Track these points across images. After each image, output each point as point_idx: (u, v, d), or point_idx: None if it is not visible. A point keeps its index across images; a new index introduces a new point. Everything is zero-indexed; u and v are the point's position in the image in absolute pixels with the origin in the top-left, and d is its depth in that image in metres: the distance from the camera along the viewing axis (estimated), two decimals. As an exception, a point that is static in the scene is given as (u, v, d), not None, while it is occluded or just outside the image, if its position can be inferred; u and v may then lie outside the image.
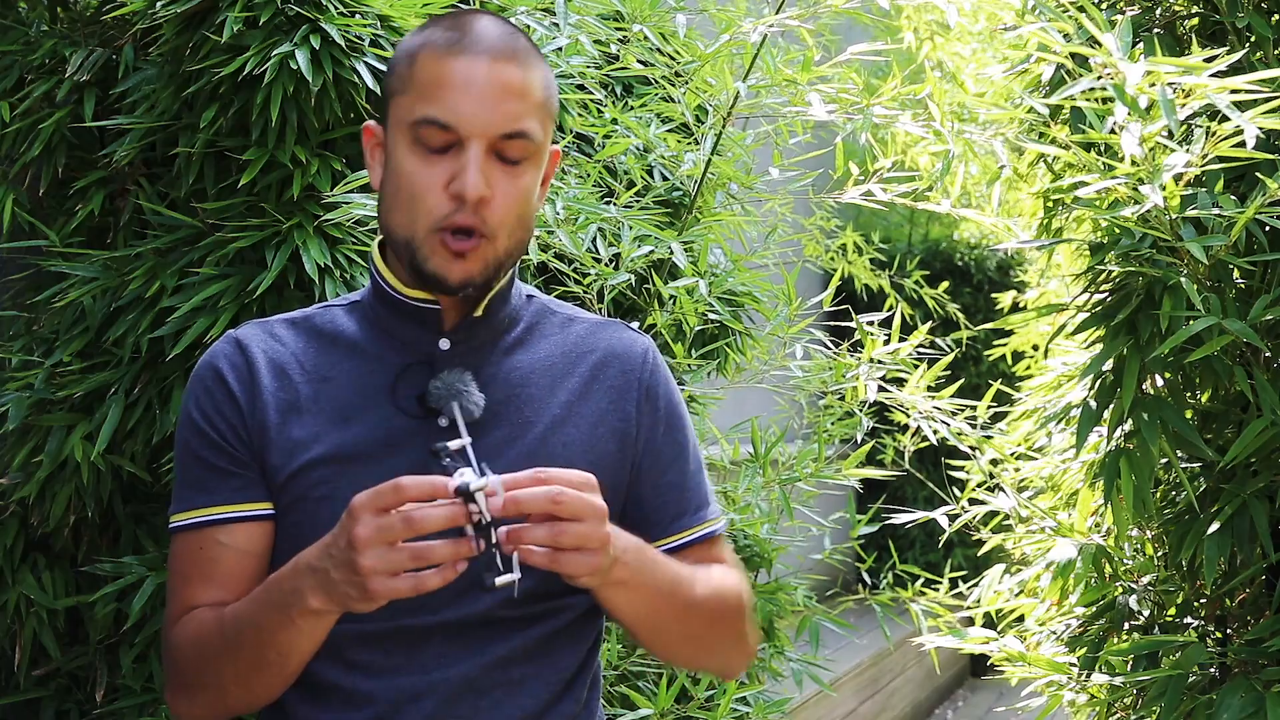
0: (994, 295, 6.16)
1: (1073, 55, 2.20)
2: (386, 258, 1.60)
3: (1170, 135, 2.04)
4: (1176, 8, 2.57)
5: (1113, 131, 2.08)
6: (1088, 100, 2.13)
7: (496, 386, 1.56)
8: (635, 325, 1.76)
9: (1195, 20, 2.56)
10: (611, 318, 1.73)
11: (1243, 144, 1.99)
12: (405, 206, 1.51)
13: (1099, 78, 2.07)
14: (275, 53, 2.29)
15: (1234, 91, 2.02)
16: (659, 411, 1.64)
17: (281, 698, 1.55)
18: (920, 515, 2.90)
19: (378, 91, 2.36)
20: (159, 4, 2.40)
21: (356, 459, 1.52)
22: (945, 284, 5.81)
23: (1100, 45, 2.07)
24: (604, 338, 1.65)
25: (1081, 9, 2.12)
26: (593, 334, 1.65)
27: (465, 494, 1.32)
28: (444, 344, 1.57)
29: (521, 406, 1.57)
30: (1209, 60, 2.04)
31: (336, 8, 2.36)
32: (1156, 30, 2.53)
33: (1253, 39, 2.46)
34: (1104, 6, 2.55)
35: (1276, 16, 2.49)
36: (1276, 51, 2.42)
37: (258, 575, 1.53)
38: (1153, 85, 2.03)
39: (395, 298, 1.58)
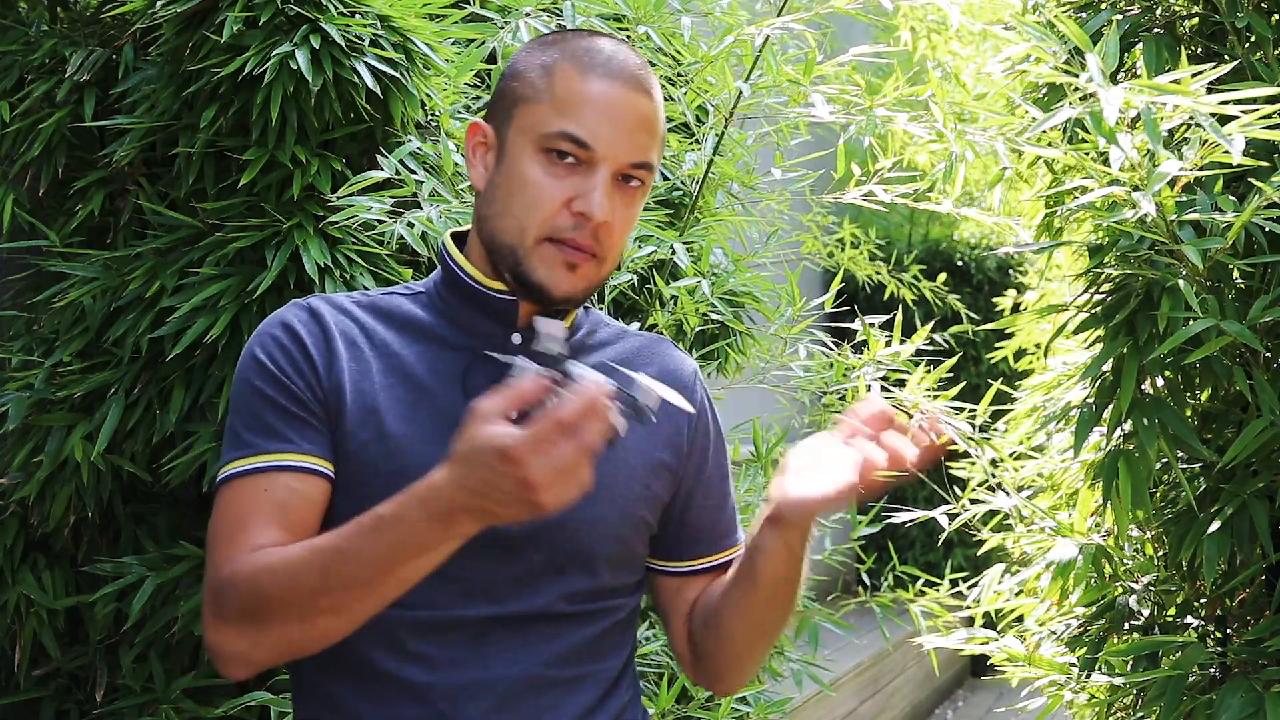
0: (994, 298, 6.16)
1: (1065, 61, 2.20)
2: (463, 250, 1.61)
3: (1163, 147, 2.04)
4: (1176, 8, 2.57)
5: (1103, 149, 2.08)
6: (1079, 110, 2.13)
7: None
8: (680, 346, 1.79)
9: (1195, 20, 2.56)
10: (659, 334, 1.76)
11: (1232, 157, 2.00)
12: (519, 213, 1.52)
13: (1083, 98, 2.07)
14: (275, 53, 2.29)
15: (1216, 109, 2.02)
16: (710, 433, 1.68)
17: (333, 690, 1.52)
18: (920, 514, 2.90)
19: (378, 92, 2.37)
20: (159, 4, 2.40)
21: (428, 439, 1.51)
22: (943, 276, 5.81)
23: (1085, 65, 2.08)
24: (659, 353, 1.69)
25: (1070, 29, 2.12)
26: (648, 348, 1.69)
27: (568, 374, 1.30)
28: (516, 338, 1.58)
29: None
30: (1196, 75, 2.04)
31: (336, 8, 2.36)
32: (1156, 30, 2.53)
33: (1253, 39, 2.46)
34: (1103, 6, 2.55)
35: (1276, 16, 2.49)
36: (1277, 52, 2.42)
37: (315, 531, 1.49)
38: (1139, 94, 2.03)
39: (474, 288, 1.58)
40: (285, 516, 1.48)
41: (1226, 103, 2.00)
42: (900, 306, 3.88)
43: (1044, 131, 2.50)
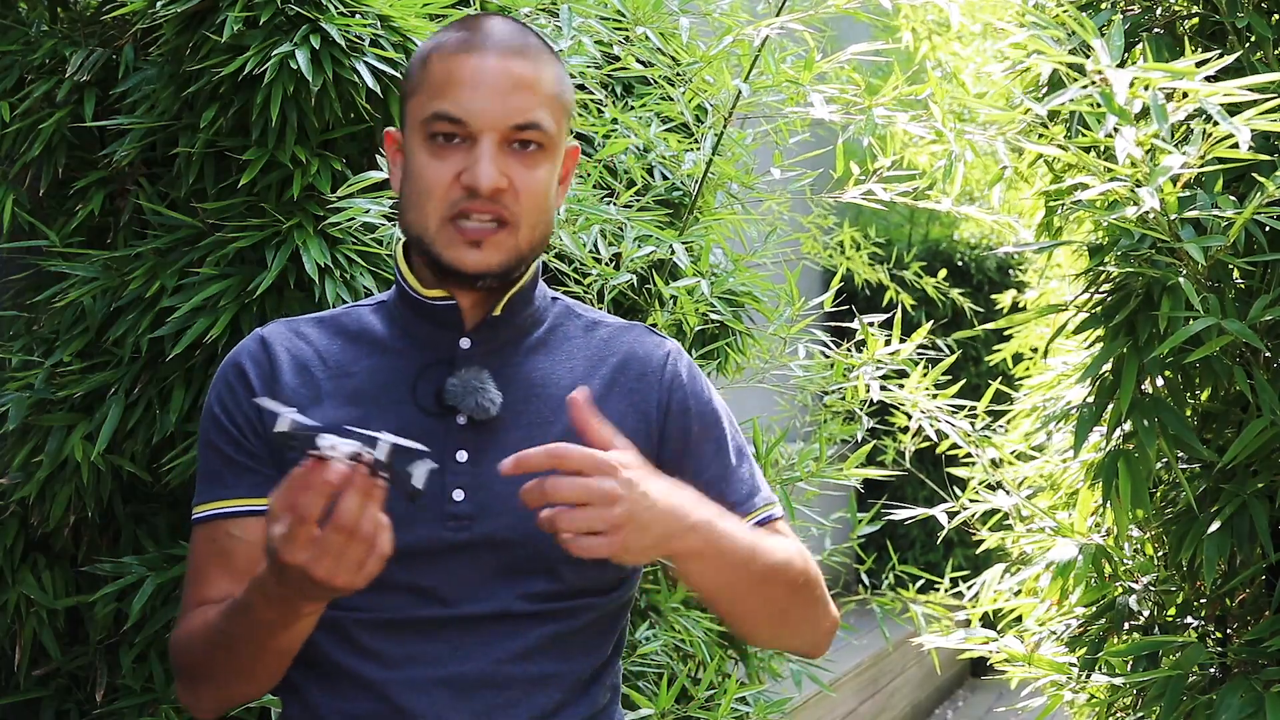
0: (994, 296, 6.16)
1: (1070, 52, 2.20)
2: (410, 259, 1.61)
3: (1169, 138, 2.04)
4: (1176, 8, 2.57)
5: (1110, 135, 2.08)
6: (1082, 107, 2.13)
7: (516, 387, 1.57)
8: (658, 329, 1.76)
9: (1195, 20, 2.56)
10: (635, 321, 1.73)
11: (1239, 145, 1.99)
12: (419, 202, 1.53)
13: (1085, 87, 2.07)
14: (275, 53, 2.29)
15: (1227, 95, 2.02)
16: (689, 413, 1.63)
17: (296, 681, 1.55)
18: (920, 512, 2.90)
19: (378, 91, 2.37)
20: (159, 4, 2.40)
21: None
22: (943, 273, 5.81)
23: (1092, 51, 2.08)
24: (626, 341, 1.66)
25: (1077, 20, 2.13)
26: (615, 337, 1.66)
27: (352, 458, 1.28)
28: (464, 343, 1.58)
29: (541, 408, 1.57)
30: (1200, 64, 2.04)
31: (336, 8, 2.36)
32: (1156, 30, 2.53)
33: (1252, 39, 2.46)
34: (1104, 5, 2.55)
35: (1276, 16, 2.49)
36: (1276, 52, 2.42)
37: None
38: (1145, 89, 2.03)
39: (415, 298, 1.59)
40: (230, 564, 1.55)
41: (1237, 89, 2.00)
42: (900, 306, 3.88)
43: (1045, 127, 2.50)
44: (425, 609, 1.51)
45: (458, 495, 1.52)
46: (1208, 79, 2.06)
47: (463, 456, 1.53)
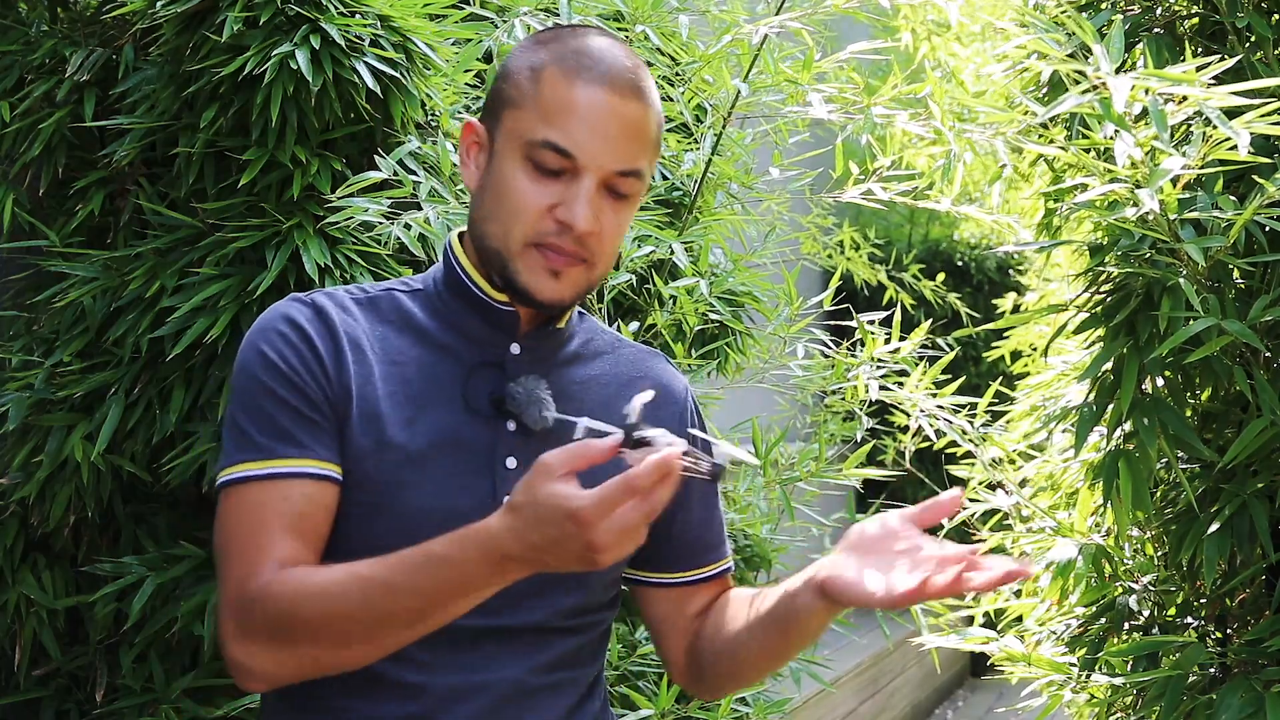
0: (994, 298, 6.16)
1: (1070, 55, 2.20)
2: (468, 252, 1.59)
3: (1168, 142, 2.04)
4: (1176, 8, 2.57)
5: (1110, 138, 2.08)
6: (1082, 110, 2.13)
7: (556, 396, 1.57)
8: (673, 364, 1.79)
9: (1195, 20, 2.56)
10: (654, 349, 1.76)
11: (1238, 149, 1.99)
12: (504, 218, 1.51)
13: (1085, 92, 2.07)
14: (275, 53, 2.29)
15: (1228, 95, 2.02)
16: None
17: (316, 689, 1.52)
18: (920, 512, 2.89)
19: (378, 91, 2.36)
20: (159, 4, 2.40)
21: (427, 451, 1.51)
22: (941, 276, 5.81)
23: (1092, 53, 2.08)
24: (652, 367, 1.69)
25: (1077, 22, 2.13)
26: (642, 360, 1.69)
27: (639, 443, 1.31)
28: (515, 348, 1.57)
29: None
30: (1200, 69, 2.04)
31: (336, 8, 2.36)
32: (1156, 30, 2.53)
33: (1253, 39, 2.46)
34: (1104, 6, 2.55)
35: (1276, 16, 2.49)
36: (1277, 52, 2.42)
37: (326, 538, 1.49)
38: (1145, 93, 2.03)
39: (477, 295, 1.57)
40: (302, 526, 1.46)
41: (1236, 93, 2.00)
42: (899, 306, 3.88)
43: (1045, 128, 2.50)
44: (467, 618, 1.47)
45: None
46: (1211, 80, 2.06)
47: (511, 463, 1.52)
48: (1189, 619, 2.59)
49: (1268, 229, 2.24)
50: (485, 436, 1.52)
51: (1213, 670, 2.45)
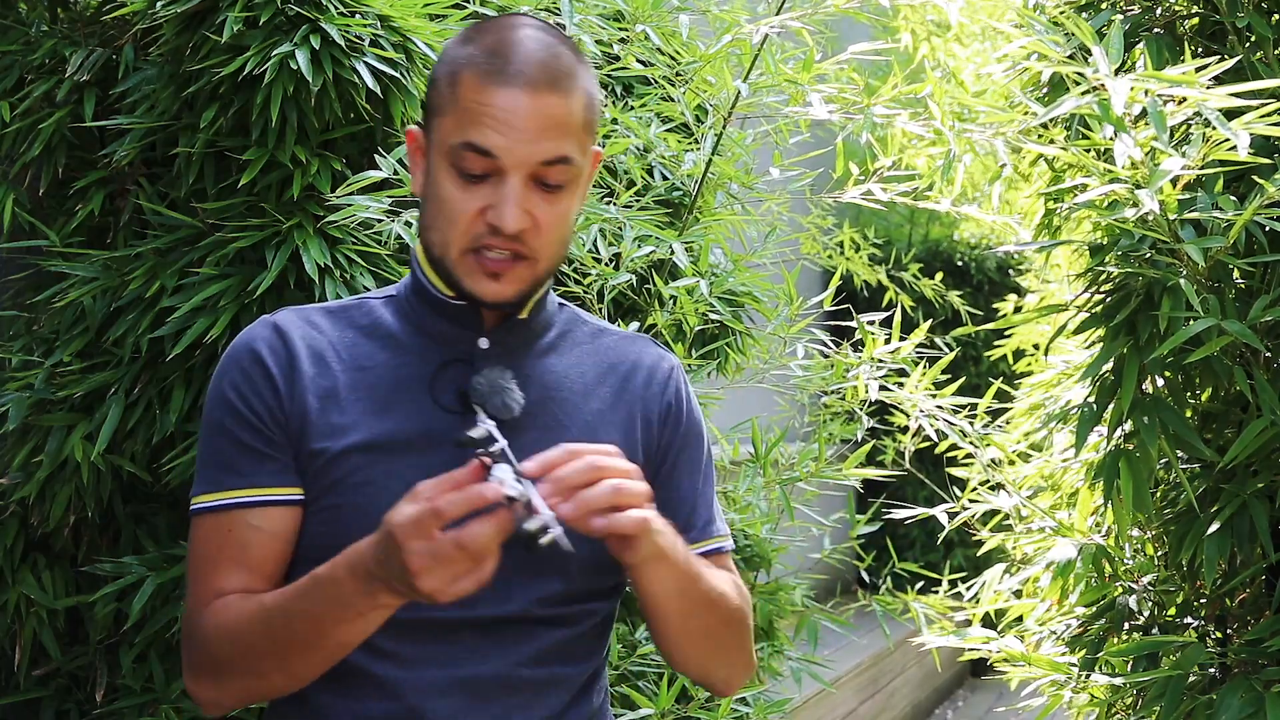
0: (994, 297, 6.16)
1: (1068, 59, 2.20)
2: (430, 257, 1.60)
3: (1167, 143, 2.04)
4: (1177, 8, 2.57)
5: (1110, 138, 2.08)
6: (1082, 112, 2.13)
7: (531, 388, 1.58)
8: (660, 343, 1.78)
9: (1195, 20, 2.56)
10: (639, 333, 1.74)
11: (1238, 149, 2.00)
12: (442, 226, 1.53)
13: (1085, 93, 2.07)
14: (275, 53, 2.29)
15: (1227, 97, 2.02)
16: (680, 428, 1.66)
17: (304, 689, 1.54)
18: (919, 511, 2.90)
19: (378, 92, 2.37)
20: (159, 4, 2.40)
21: (394, 449, 1.53)
22: (940, 275, 5.81)
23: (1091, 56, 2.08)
24: (633, 351, 1.68)
25: (1075, 23, 2.13)
26: (622, 346, 1.68)
27: (510, 501, 1.33)
28: (483, 343, 1.58)
29: (555, 410, 1.59)
30: (1200, 70, 2.05)
31: (336, 8, 2.36)
32: (1156, 30, 2.53)
33: (1253, 39, 2.46)
34: (1104, 6, 2.55)
35: (1276, 16, 2.49)
36: (1277, 52, 2.42)
37: (284, 560, 1.54)
38: (1144, 94, 2.03)
39: (437, 297, 1.59)
40: (247, 555, 1.53)
41: (1235, 94, 2.01)
42: (899, 306, 3.88)
43: (1045, 128, 2.50)
44: (443, 611, 1.50)
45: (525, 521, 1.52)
46: (1211, 80, 2.06)
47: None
48: (1189, 619, 2.59)
49: (1268, 229, 2.24)
50: (455, 432, 1.51)
51: (1213, 670, 2.45)
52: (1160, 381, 2.42)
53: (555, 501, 1.36)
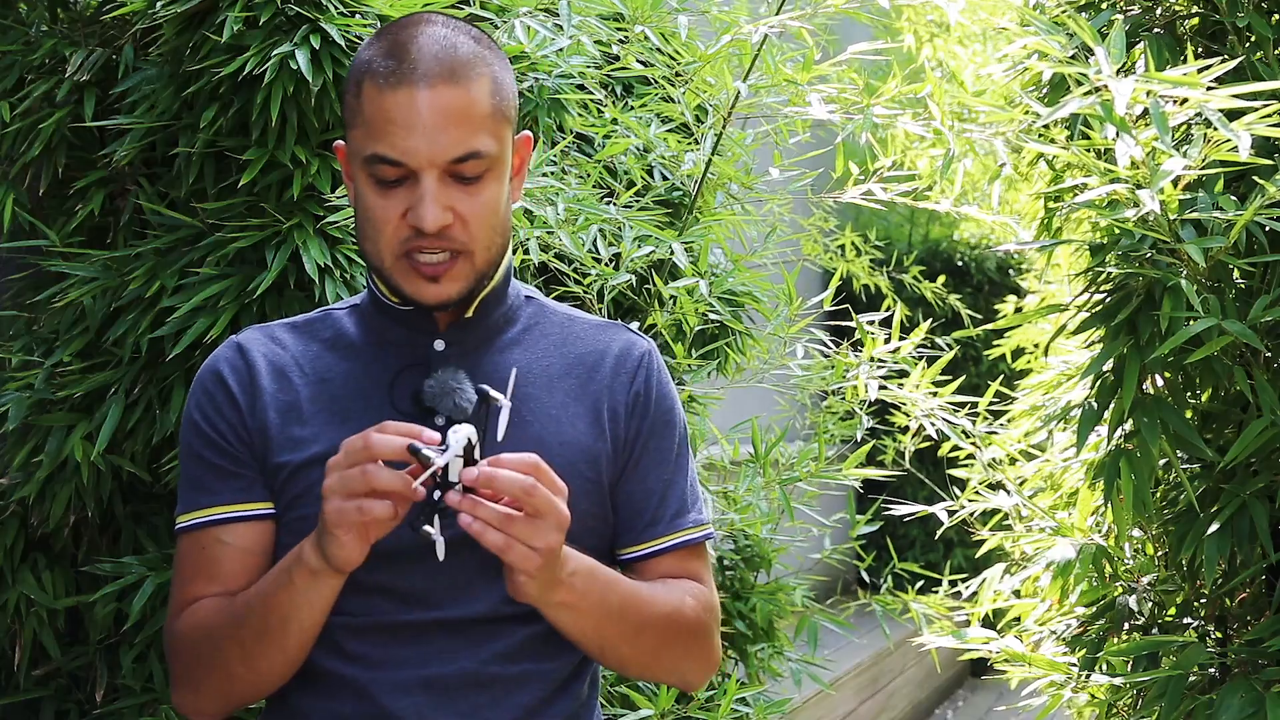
0: (994, 297, 6.16)
1: (1070, 59, 2.20)
2: (372, 267, 1.62)
3: (1169, 144, 2.04)
4: (1177, 8, 2.57)
5: (1111, 137, 2.08)
6: (1084, 112, 2.13)
7: (492, 385, 1.57)
8: (636, 327, 1.77)
9: (1195, 20, 2.56)
10: (613, 320, 1.74)
11: (1239, 150, 2.00)
12: (372, 236, 1.54)
13: (1087, 94, 2.07)
14: (275, 53, 2.29)
15: (1229, 99, 2.02)
16: (648, 416, 1.65)
17: (283, 689, 1.56)
18: (919, 509, 2.90)
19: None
20: (159, 4, 2.40)
21: None
22: (942, 278, 5.81)
23: (1093, 55, 2.08)
24: (602, 340, 1.66)
25: (1076, 23, 2.13)
26: (590, 335, 1.67)
27: (419, 456, 1.38)
28: (438, 345, 1.59)
29: (518, 405, 1.58)
30: (1202, 70, 2.05)
31: (336, 8, 2.36)
32: (1156, 30, 2.53)
33: (1253, 39, 2.46)
34: (1104, 6, 2.55)
35: (1277, 16, 2.49)
36: (1277, 52, 2.42)
37: (259, 572, 1.56)
38: (1146, 94, 2.03)
39: (387, 304, 1.61)
40: (219, 570, 1.57)
41: (1238, 96, 2.01)
42: (898, 307, 3.88)
43: (1046, 128, 2.50)
44: (410, 613, 1.53)
45: (436, 495, 1.52)
46: (1212, 81, 2.06)
47: None
48: (1189, 619, 2.59)
49: (1268, 229, 2.24)
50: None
51: (1213, 670, 2.45)
52: (1160, 381, 2.42)
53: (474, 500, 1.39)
